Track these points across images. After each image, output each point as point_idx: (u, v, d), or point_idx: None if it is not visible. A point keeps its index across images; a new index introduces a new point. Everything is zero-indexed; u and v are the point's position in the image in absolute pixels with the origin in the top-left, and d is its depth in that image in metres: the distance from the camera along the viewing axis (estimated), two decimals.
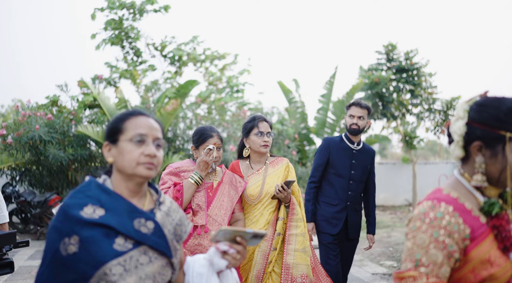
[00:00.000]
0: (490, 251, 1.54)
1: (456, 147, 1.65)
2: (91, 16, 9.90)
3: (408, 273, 1.53)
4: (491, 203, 1.59)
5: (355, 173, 4.50)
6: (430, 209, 1.58)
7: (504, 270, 1.53)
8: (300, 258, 3.48)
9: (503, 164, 1.57)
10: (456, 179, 1.67)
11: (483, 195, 1.64)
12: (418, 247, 1.55)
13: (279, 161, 3.76)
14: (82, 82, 9.29)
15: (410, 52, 13.11)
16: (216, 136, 3.40)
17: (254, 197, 3.58)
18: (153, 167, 1.72)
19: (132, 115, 1.76)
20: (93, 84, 10.33)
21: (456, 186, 1.66)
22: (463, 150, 1.64)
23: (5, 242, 3.26)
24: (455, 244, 1.53)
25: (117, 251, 1.62)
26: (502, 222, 1.57)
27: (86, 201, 1.66)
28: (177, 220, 1.87)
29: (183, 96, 9.30)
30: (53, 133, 8.56)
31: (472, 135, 1.61)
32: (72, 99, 9.27)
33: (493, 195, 1.65)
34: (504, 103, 1.58)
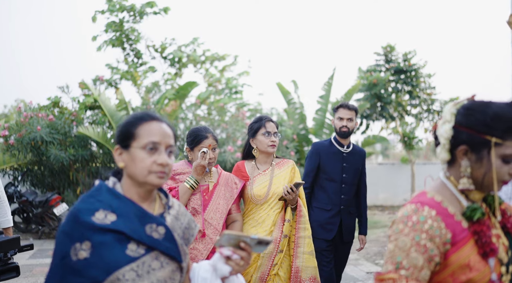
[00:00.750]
0: (470, 256, 1.55)
1: (442, 150, 1.65)
2: (92, 18, 10.03)
3: (388, 275, 1.54)
4: (473, 208, 1.59)
5: (347, 176, 4.44)
6: (413, 212, 1.58)
7: (483, 275, 1.53)
8: (308, 261, 3.48)
9: (487, 168, 1.57)
10: (442, 182, 1.68)
11: (467, 199, 1.64)
12: (399, 249, 1.56)
13: (285, 162, 3.74)
14: (83, 83, 9.42)
15: (409, 54, 13.22)
16: (211, 137, 3.34)
17: (261, 197, 3.55)
18: (164, 176, 1.70)
19: (145, 121, 1.73)
20: (94, 85, 10.45)
21: (441, 189, 1.67)
22: (449, 153, 1.64)
23: (10, 247, 3.26)
24: (436, 248, 1.53)
25: (130, 257, 1.62)
26: (483, 227, 1.57)
27: (98, 206, 1.65)
28: (185, 224, 1.87)
29: (183, 98, 9.42)
30: (55, 134, 8.69)
31: (459, 139, 1.61)
32: (73, 100, 9.40)
33: (477, 198, 1.66)
34: (491, 108, 1.58)
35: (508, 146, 1.52)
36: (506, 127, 1.53)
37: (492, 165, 1.54)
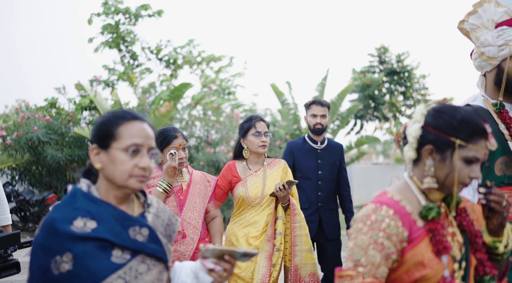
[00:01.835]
0: (424, 253, 1.59)
1: (409, 148, 1.68)
2: (87, 21, 10.21)
3: (346, 272, 1.58)
4: (428, 208, 1.64)
5: (322, 172, 4.35)
6: (372, 211, 1.63)
7: (436, 272, 1.58)
8: (306, 258, 3.45)
9: (449, 169, 1.61)
10: (405, 182, 1.72)
11: (426, 199, 1.69)
12: (358, 247, 1.60)
13: (276, 162, 3.68)
14: (79, 85, 9.58)
15: (402, 55, 13.41)
16: (181, 137, 3.25)
17: (255, 198, 3.49)
18: (145, 180, 1.61)
19: (126, 120, 1.62)
20: (91, 86, 10.62)
21: (403, 189, 1.71)
22: (415, 152, 1.68)
23: (10, 243, 3.24)
24: (393, 246, 1.58)
25: (116, 264, 1.54)
26: (438, 226, 1.61)
27: (75, 214, 1.54)
28: (166, 220, 1.78)
29: (177, 99, 9.59)
30: (51, 135, 8.86)
31: (426, 139, 1.65)
32: (69, 101, 9.57)
33: (437, 199, 1.70)
34: (459, 112, 1.63)
35: (471, 148, 1.58)
36: (470, 131, 1.59)
37: (455, 165, 1.60)
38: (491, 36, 2.28)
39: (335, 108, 11.26)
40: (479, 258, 1.67)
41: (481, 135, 1.60)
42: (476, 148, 1.59)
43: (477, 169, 1.62)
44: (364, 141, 11.70)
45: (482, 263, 1.67)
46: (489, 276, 1.66)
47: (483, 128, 1.60)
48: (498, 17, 2.30)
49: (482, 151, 1.60)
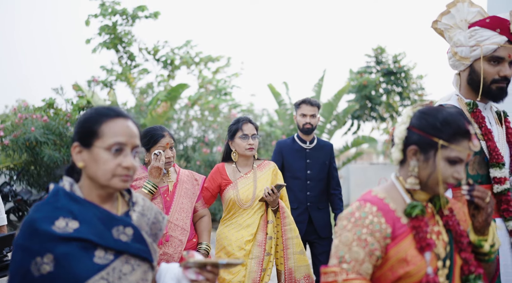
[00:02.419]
0: (408, 250, 1.62)
1: (396, 149, 1.72)
2: (85, 22, 10.29)
3: (331, 269, 1.60)
4: (413, 206, 1.67)
5: (311, 172, 4.34)
6: (356, 209, 1.66)
7: (419, 269, 1.60)
8: (300, 261, 3.42)
9: (432, 169, 1.65)
10: (391, 182, 1.77)
11: (412, 198, 1.72)
12: (342, 244, 1.63)
13: (266, 164, 3.63)
14: (76, 85, 9.65)
15: (398, 55, 13.47)
16: (168, 136, 3.19)
17: (246, 201, 3.44)
18: (129, 179, 1.57)
19: (110, 117, 1.57)
20: (89, 87, 10.68)
21: (389, 188, 1.75)
22: (401, 153, 1.72)
23: (5, 244, 3.27)
24: (377, 242, 1.60)
25: (98, 265, 1.50)
26: (421, 223, 1.64)
27: (57, 214, 1.50)
28: (152, 218, 1.74)
29: (174, 99, 9.66)
30: (49, 135, 8.92)
31: (410, 139, 1.69)
32: (67, 102, 9.63)
33: (422, 199, 1.73)
34: (442, 113, 1.67)
35: (453, 149, 1.62)
36: (452, 132, 1.62)
37: (437, 165, 1.63)
38: (464, 37, 2.32)
39: (332, 109, 11.30)
40: (464, 257, 1.69)
41: (464, 136, 1.63)
42: (459, 148, 1.62)
43: (461, 170, 1.65)
44: (361, 141, 11.74)
45: (467, 262, 1.69)
46: (474, 275, 1.68)
47: (466, 129, 1.63)
48: (471, 17, 2.34)
49: (465, 152, 1.63)
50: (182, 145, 10.54)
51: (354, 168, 14.18)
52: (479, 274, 1.68)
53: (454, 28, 2.36)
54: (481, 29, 2.28)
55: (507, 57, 2.27)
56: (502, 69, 2.28)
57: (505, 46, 2.25)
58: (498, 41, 2.24)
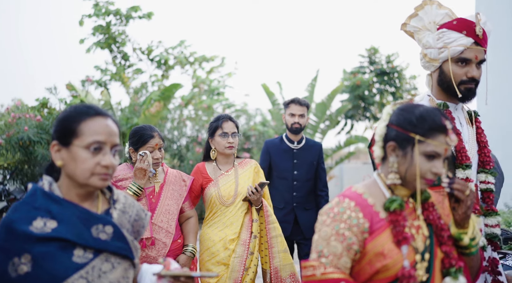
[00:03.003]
0: (385, 244, 1.64)
1: (376, 147, 1.76)
2: (79, 22, 10.34)
3: (310, 263, 1.64)
4: (391, 200, 1.70)
5: (298, 172, 4.31)
6: (335, 204, 1.70)
7: (395, 262, 1.62)
8: (285, 259, 3.39)
9: (410, 164, 1.67)
10: (373, 178, 1.80)
11: (393, 194, 1.74)
12: (321, 239, 1.67)
13: (247, 162, 3.59)
14: (70, 85, 9.68)
15: (391, 56, 13.53)
16: (157, 136, 3.12)
17: (229, 198, 3.39)
18: (108, 177, 1.57)
19: (89, 116, 1.56)
20: (83, 86, 10.73)
21: (370, 185, 1.78)
22: (382, 150, 1.76)
23: None
24: (354, 236, 1.64)
25: (77, 264, 1.50)
26: (399, 217, 1.66)
27: (34, 214, 1.50)
28: (134, 216, 1.74)
29: (167, 99, 9.71)
30: (42, 134, 8.96)
31: (389, 136, 1.73)
32: (60, 101, 9.68)
33: (403, 195, 1.76)
34: (419, 109, 1.70)
35: (429, 143, 1.65)
36: (428, 127, 1.66)
37: (414, 160, 1.66)
38: (432, 39, 2.35)
39: (325, 109, 11.37)
40: (445, 251, 1.72)
41: (440, 131, 1.66)
42: (435, 143, 1.65)
43: (439, 165, 1.67)
44: (353, 141, 11.81)
45: (448, 255, 1.71)
46: (454, 268, 1.69)
47: (442, 124, 1.67)
48: (440, 19, 2.37)
49: (442, 146, 1.66)
50: (175, 144, 10.60)
51: (347, 168, 14.26)
52: (460, 267, 1.70)
53: (423, 30, 2.39)
54: (448, 31, 2.31)
55: (474, 59, 2.30)
56: (470, 70, 2.31)
57: (471, 48, 2.29)
58: (465, 43, 2.28)
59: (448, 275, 1.69)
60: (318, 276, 1.60)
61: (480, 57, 2.32)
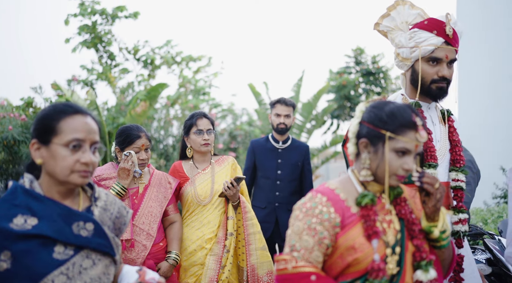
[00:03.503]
0: (356, 238, 1.68)
1: (350, 143, 1.79)
2: (64, 21, 10.29)
3: (282, 257, 1.68)
4: (363, 195, 1.74)
5: (282, 172, 4.32)
6: (308, 200, 1.74)
7: (366, 255, 1.67)
8: (262, 257, 3.35)
9: (381, 160, 1.71)
10: (347, 175, 1.84)
11: (366, 190, 1.79)
12: (294, 233, 1.70)
13: (224, 159, 3.54)
14: (55, 85, 9.64)
15: (377, 56, 13.64)
16: (144, 137, 3.10)
17: (205, 197, 3.34)
18: (88, 174, 1.59)
19: (68, 114, 1.59)
20: (69, 86, 10.68)
21: (344, 181, 1.82)
22: (355, 147, 1.79)
23: None
24: (326, 230, 1.67)
25: (58, 260, 1.52)
26: (370, 212, 1.71)
27: (15, 211, 1.52)
28: (115, 213, 1.76)
29: (153, 99, 9.71)
30: (27, 134, 8.91)
31: (361, 133, 1.77)
32: (45, 101, 9.64)
33: (376, 190, 1.80)
34: (389, 106, 1.74)
35: (400, 140, 1.68)
36: (399, 124, 1.69)
37: (385, 156, 1.70)
38: (404, 38, 2.41)
39: (311, 108, 11.45)
40: (416, 244, 1.75)
41: (410, 128, 1.70)
42: (405, 140, 1.68)
43: (410, 161, 1.71)
44: (339, 140, 11.89)
45: (419, 249, 1.75)
46: (425, 261, 1.73)
47: (412, 121, 1.70)
48: (412, 19, 2.43)
49: (412, 143, 1.70)
50: (162, 143, 10.60)
51: (333, 167, 14.35)
52: (430, 260, 1.74)
53: (396, 30, 2.45)
54: (419, 31, 2.37)
55: (444, 58, 2.36)
56: (441, 69, 2.37)
57: (442, 47, 2.34)
58: (435, 42, 2.33)
59: (419, 268, 1.73)
60: (290, 269, 1.64)
61: (451, 56, 2.38)
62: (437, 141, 2.50)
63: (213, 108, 11.82)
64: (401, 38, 2.43)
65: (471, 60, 8.01)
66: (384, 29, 2.51)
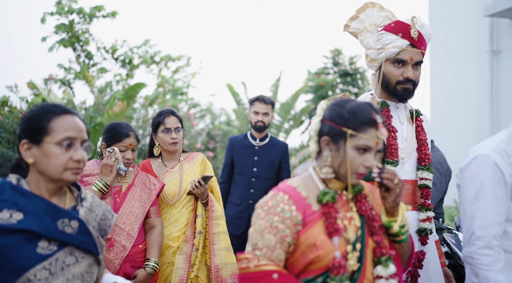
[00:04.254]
0: (317, 236, 1.69)
1: (311, 141, 1.80)
2: (40, 20, 10.21)
3: (244, 255, 1.68)
4: (324, 193, 1.74)
5: (258, 170, 4.32)
6: (270, 198, 1.74)
7: (327, 253, 1.67)
8: (227, 258, 3.28)
9: (343, 158, 1.71)
10: (309, 173, 1.85)
11: (327, 187, 1.79)
12: (256, 232, 1.71)
13: (194, 156, 3.48)
14: (31, 83, 9.56)
15: (354, 57, 13.85)
16: (133, 136, 3.05)
17: (173, 196, 3.29)
18: (79, 172, 1.64)
19: (57, 114, 1.64)
20: (45, 85, 10.58)
21: (305, 179, 1.82)
22: (317, 145, 1.79)
23: None
24: (288, 228, 1.67)
25: (41, 255, 1.54)
26: (331, 210, 1.71)
27: (1, 206, 1.55)
28: (100, 215, 1.80)
29: (131, 98, 9.70)
30: (2, 133, 8.81)
31: (323, 131, 1.76)
32: (21, 100, 9.54)
33: (337, 188, 1.80)
34: (350, 104, 1.74)
35: (361, 137, 1.69)
36: (359, 121, 1.70)
37: (347, 154, 1.70)
38: (372, 40, 2.47)
39: (289, 108, 11.56)
40: (376, 240, 1.77)
41: (371, 125, 1.71)
42: (366, 137, 1.69)
43: (371, 158, 1.72)
44: None
45: (379, 245, 1.76)
46: (385, 256, 1.75)
47: (372, 118, 1.71)
48: (380, 22, 2.49)
49: (373, 140, 1.71)
50: (140, 143, 10.58)
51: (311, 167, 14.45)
52: (390, 255, 1.76)
53: (365, 32, 2.51)
54: (386, 33, 2.43)
55: (409, 60, 2.41)
56: (406, 71, 2.42)
57: (407, 50, 2.40)
58: (400, 44, 2.39)
59: (379, 264, 1.75)
60: (252, 268, 1.64)
61: (416, 58, 2.44)
62: (404, 139, 2.55)
63: (192, 108, 11.85)
64: (369, 40, 2.50)
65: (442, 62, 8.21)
66: (353, 30, 2.57)
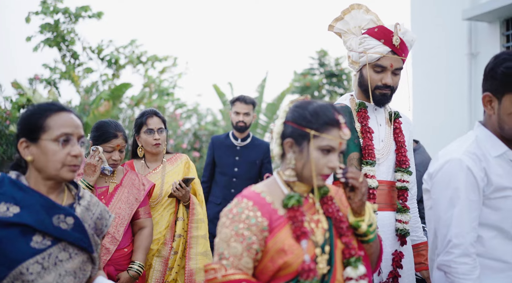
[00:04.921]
0: (285, 240, 1.65)
1: (275, 144, 1.77)
2: (25, 19, 10.14)
3: (211, 266, 1.64)
4: (289, 197, 1.71)
5: (239, 169, 4.35)
6: (234, 205, 1.69)
7: (296, 257, 1.64)
8: (202, 262, 3.19)
9: (306, 159, 1.69)
10: (273, 177, 1.81)
11: (292, 191, 1.76)
12: (222, 241, 1.66)
13: (178, 157, 3.41)
14: (15, 83, 9.49)
15: (340, 58, 13.95)
16: (121, 137, 2.96)
17: (154, 198, 3.22)
18: (76, 169, 1.66)
19: (53, 112, 1.65)
20: (30, 85, 10.51)
21: (269, 183, 1.79)
22: (280, 147, 1.76)
23: None
24: (254, 235, 1.63)
25: (34, 249, 1.55)
26: (297, 213, 1.68)
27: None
28: (97, 214, 1.81)
29: (117, 98, 9.69)
30: None
31: (286, 133, 1.73)
32: (5, 100, 9.47)
33: (302, 191, 1.78)
34: (312, 105, 1.72)
35: (324, 138, 1.66)
36: (322, 122, 1.68)
37: (310, 155, 1.68)
38: (355, 42, 2.49)
39: (275, 109, 11.62)
40: (345, 242, 1.75)
41: (333, 125, 1.69)
42: (329, 137, 1.67)
43: (335, 159, 1.70)
44: None
45: (348, 246, 1.75)
46: (354, 257, 1.74)
47: (335, 118, 1.69)
48: (365, 24, 2.51)
49: (336, 140, 1.68)
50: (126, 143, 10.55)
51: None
52: (359, 256, 1.75)
53: (349, 33, 2.53)
54: (369, 38, 2.45)
55: (389, 67, 2.44)
56: (385, 77, 2.45)
57: (387, 56, 2.42)
58: (381, 51, 2.41)
59: (348, 265, 1.73)
60: (220, 278, 1.60)
61: (396, 65, 2.46)
62: (381, 141, 2.57)
63: (178, 108, 11.85)
64: (352, 42, 2.52)
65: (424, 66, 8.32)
66: (337, 31, 2.59)
